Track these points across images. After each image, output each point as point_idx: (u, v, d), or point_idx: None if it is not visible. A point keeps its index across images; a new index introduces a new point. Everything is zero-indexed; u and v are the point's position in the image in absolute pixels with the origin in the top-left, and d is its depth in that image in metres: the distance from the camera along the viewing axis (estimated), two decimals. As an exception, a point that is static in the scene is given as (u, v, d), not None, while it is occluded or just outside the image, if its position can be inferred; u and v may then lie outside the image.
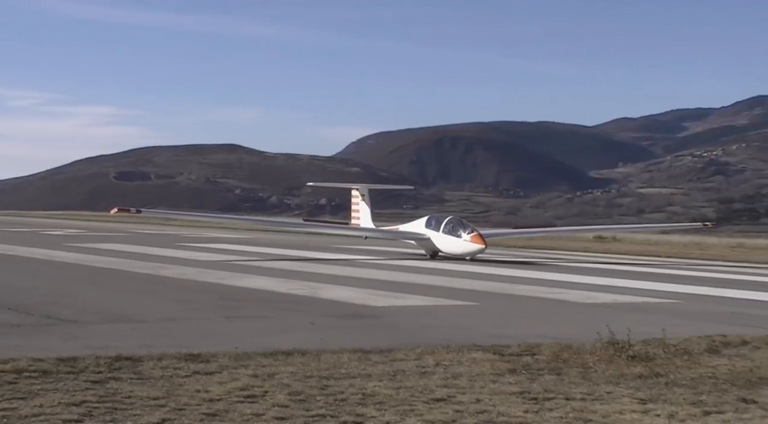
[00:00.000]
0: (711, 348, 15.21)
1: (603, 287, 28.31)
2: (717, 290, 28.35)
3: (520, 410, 10.21)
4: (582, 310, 21.63)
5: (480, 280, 29.35)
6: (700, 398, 11.17)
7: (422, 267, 34.75)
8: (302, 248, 46.62)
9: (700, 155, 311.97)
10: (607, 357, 13.56)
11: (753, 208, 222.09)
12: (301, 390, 10.93)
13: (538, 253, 50.19)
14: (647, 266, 41.54)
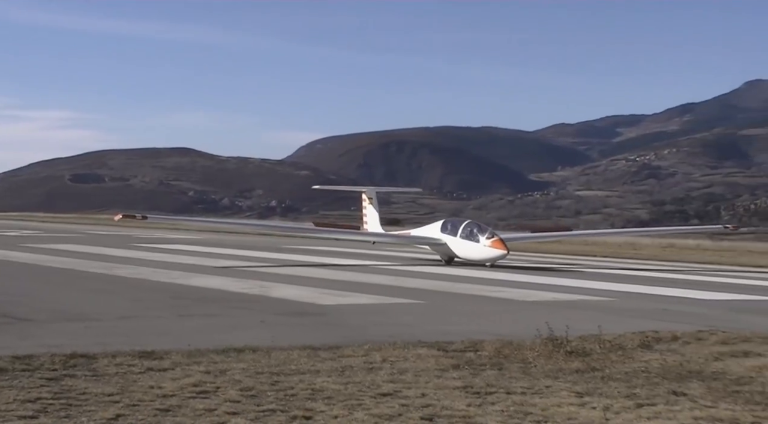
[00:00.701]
0: (644, 344, 15.34)
1: (543, 285, 28.48)
2: (649, 288, 28.63)
3: (463, 404, 10.24)
4: (523, 308, 21.74)
5: (425, 279, 29.40)
6: (633, 391, 11.27)
7: (370, 266, 34.75)
8: (253, 248, 46.38)
9: (634, 159, 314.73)
10: (546, 353, 13.64)
11: (683, 209, 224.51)
12: (252, 386, 10.89)
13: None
14: (584, 265, 41.83)
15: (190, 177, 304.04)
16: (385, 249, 47.91)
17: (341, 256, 41.35)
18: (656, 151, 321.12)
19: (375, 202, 45.02)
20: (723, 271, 39.99)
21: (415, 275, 30.83)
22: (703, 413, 10.04)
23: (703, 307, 23.35)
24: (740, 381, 12.19)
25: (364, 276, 29.64)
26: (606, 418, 9.73)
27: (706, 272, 38.86)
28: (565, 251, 53.61)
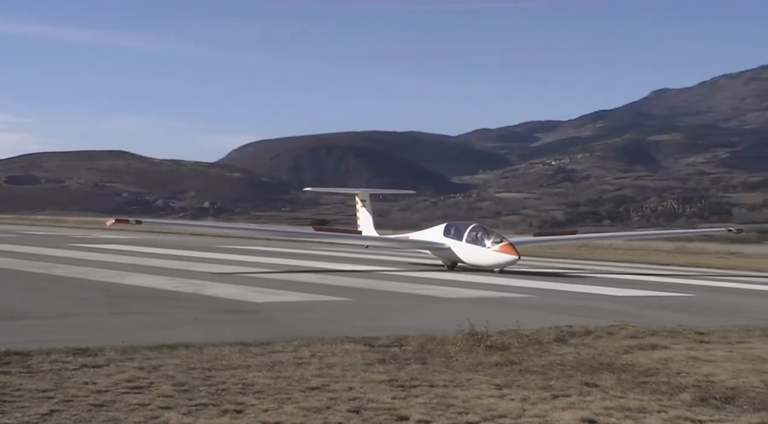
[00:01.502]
0: (559, 338, 15.52)
1: (465, 283, 28.65)
2: (564, 285, 28.96)
3: (388, 397, 10.26)
4: (446, 305, 21.84)
5: (352, 277, 29.40)
6: (549, 382, 11.39)
7: (298, 266, 34.64)
8: (187, 248, 45.97)
9: (551, 163, 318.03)
10: (467, 347, 13.73)
11: (596, 211, 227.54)
12: (184, 381, 10.79)
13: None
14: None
15: (124, 179, 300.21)
16: (343, 250, 47.76)
17: (275, 256, 41.16)
18: (571, 155, 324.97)
19: (368, 204, 42.32)
20: (635, 269, 40.62)
21: (343, 274, 30.81)
22: (613, 403, 10.19)
23: (614, 303, 23.69)
24: (648, 372, 12.39)
25: (294, 275, 29.55)
26: (523, 409, 9.81)
27: (618, 269, 39.42)
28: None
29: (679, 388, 11.25)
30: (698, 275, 38.02)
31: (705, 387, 11.36)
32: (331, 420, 9.14)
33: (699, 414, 9.79)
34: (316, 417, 9.24)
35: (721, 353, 14.37)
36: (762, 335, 16.93)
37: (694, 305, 23.96)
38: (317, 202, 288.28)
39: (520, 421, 9.30)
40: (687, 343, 15.46)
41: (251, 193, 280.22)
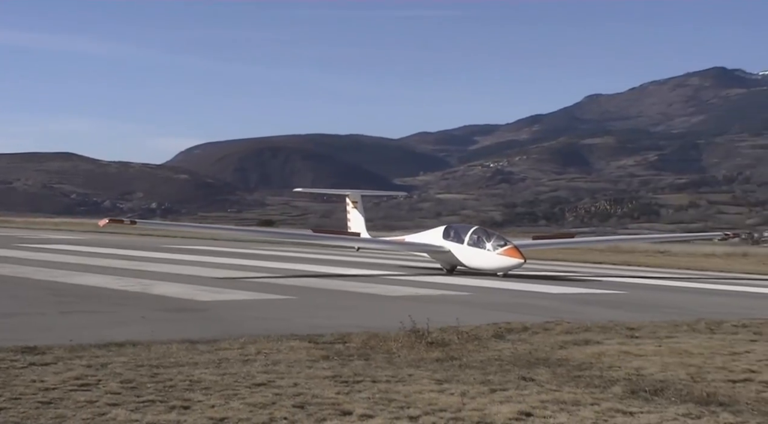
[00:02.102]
0: (497, 334, 15.60)
1: (408, 281, 28.71)
2: (502, 283, 29.14)
3: (332, 392, 10.24)
4: (388, 302, 21.85)
5: (297, 277, 29.31)
6: (488, 377, 11.45)
7: (244, 265, 34.46)
8: (134, 248, 45.49)
9: (489, 165, 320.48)
10: (409, 344, 13.75)
11: (533, 211, 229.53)
12: (132, 378, 10.67)
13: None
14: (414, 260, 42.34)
15: (72, 180, 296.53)
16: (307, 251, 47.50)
17: (221, 255, 40.90)
18: (509, 158, 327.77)
19: (360, 206, 40.57)
20: (572, 267, 41.02)
21: (287, 273, 30.70)
22: (548, 397, 10.27)
23: (551, 300, 23.89)
24: (581, 367, 12.51)
25: (240, 273, 29.38)
26: (463, 403, 9.85)
27: (557, 268, 39.77)
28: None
29: (611, 381, 11.37)
30: (628, 273, 38.48)
31: (635, 380, 11.49)
32: (277, 415, 9.10)
33: (630, 406, 9.91)
34: (262, 412, 9.19)
35: (650, 347, 14.55)
36: (688, 330, 17.20)
37: (625, 301, 24.26)
38: (263, 203, 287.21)
39: (459, 415, 9.33)
40: (618, 338, 15.64)
41: (198, 194, 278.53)
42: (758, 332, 17.20)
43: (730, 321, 18.59)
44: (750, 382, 11.73)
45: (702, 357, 13.60)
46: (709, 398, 10.47)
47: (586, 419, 9.25)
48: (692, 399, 10.40)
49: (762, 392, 11.03)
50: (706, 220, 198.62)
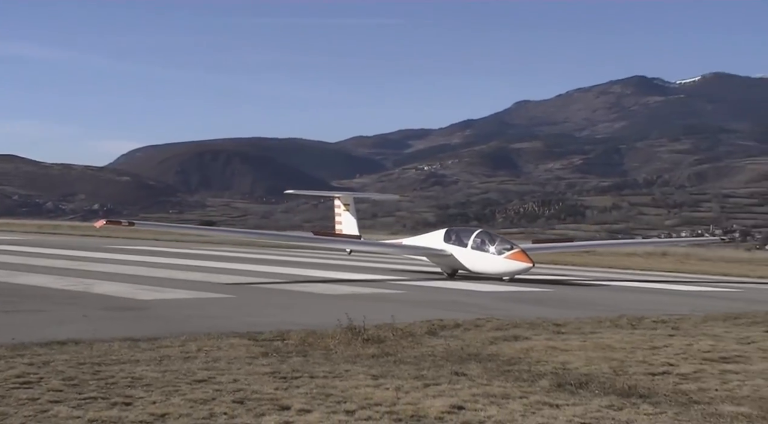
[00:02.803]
0: (430, 331, 15.65)
1: (344, 280, 28.68)
2: (436, 282, 29.26)
3: (271, 388, 10.19)
4: (326, 301, 21.81)
5: (237, 275, 29.11)
6: (421, 372, 11.49)
7: (183, 265, 34.14)
8: (76, 248, 44.79)
9: (423, 168, 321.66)
10: (346, 340, 13.74)
11: (464, 213, 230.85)
12: (74, 376, 10.51)
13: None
14: (378, 262, 42.39)
15: (14, 182, 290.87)
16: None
17: (162, 255, 40.46)
18: (442, 161, 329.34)
19: (352, 208, 38.18)
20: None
21: (227, 272, 30.47)
22: (479, 390, 10.33)
23: (482, 298, 24.05)
24: (511, 361, 12.61)
25: (181, 273, 29.09)
26: (397, 397, 9.87)
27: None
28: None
29: (539, 375, 11.48)
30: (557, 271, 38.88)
31: (561, 374, 11.62)
32: (217, 411, 9.03)
33: (556, 399, 10.01)
34: (202, 408, 9.11)
35: (575, 342, 14.73)
36: (611, 325, 17.44)
37: (552, 299, 24.52)
38: (203, 204, 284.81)
39: (394, 408, 9.34)
40: (546, 334, 15.80)
41: (139, 195, 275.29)
42: (676, 327, 17.52)
43: (650, 317, 18.90)
44: (668, 374, 11.94)
45: (624, 351, 13.81)
46: (630, 390, 10.63)
47: (514, 412, 9.32)
48: (615, 391, 10.55)
49: (679, 384, 11.24)
50: (628, 221, 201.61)
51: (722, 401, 10.26)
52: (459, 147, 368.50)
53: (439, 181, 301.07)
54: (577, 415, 9.26)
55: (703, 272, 44.09)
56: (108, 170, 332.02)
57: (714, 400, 10.29)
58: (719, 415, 9.46)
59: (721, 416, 9.42)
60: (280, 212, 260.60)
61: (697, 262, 52.70)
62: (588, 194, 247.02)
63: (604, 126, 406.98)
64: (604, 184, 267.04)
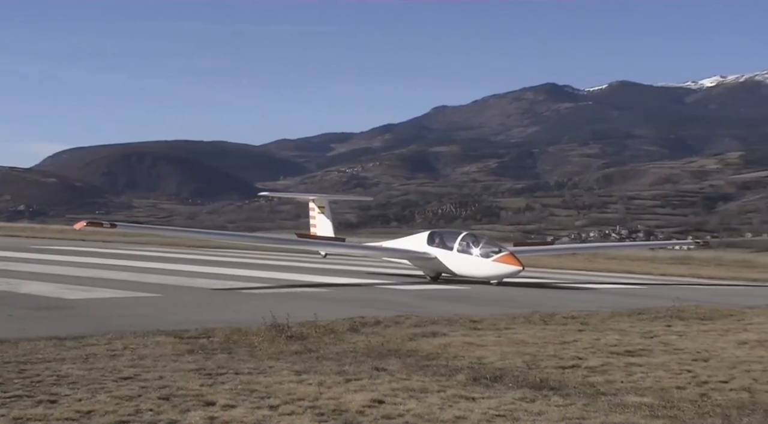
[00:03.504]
0: (352, 327, 15.66)
1: (270, 279, 28.51)
2: (359, 280, 29.29)
3: (196, 384, 10.09)
4: (251, 299, 21.65)
5: (165, 275, 28.72)
6: (343, 368, 11.48)
7: (110, 264, 33.56)
8: (4, 249, 43.67)
9: (345, 171, 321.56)
10: (270, 338, 13.68)
11: (385, 214, 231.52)
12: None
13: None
14: (305, 261, 42.26)
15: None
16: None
17: (89, 255, 39.69)
18: (363, 164, 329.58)
19: (328, 210, 36.82)
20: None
21: (155, 271, 30.04)
22: (399, 385, 10.37)
23: (402, 296, 24.14)
24: (429, 357, 12.68)
25: (109, 273, 28.59)
26: (320, 392, 9.86)
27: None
28: (290, 250, 53.65)
29: (456, 370, 11.57)
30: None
31: (477, 368, 11.73)
32: (143, 407, 8.90)
33: (472, 392, 10.10)
34: (128, 405, 8.97)
35: (491, 338, 14.88)
36: (525, 321, 17.66)
37: (469, 296, 24.73)
38: (130, 205, 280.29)
39: (316, 403, 9.33)
40: (463, 330, 15.93)
41: (65, 197, 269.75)
42: (585, 322, 17.81)
43: (561, 313, 19.19)
44: (577, 368, 12.14)
45: (536, 346, 14.00)
46: (542, 383, 10.78)
47: (432, 405, 9.38)
48: (527, 384, 10.68)
49: (587, 377, 11.43)
50: (541, 221, 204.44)
51: (627, 392, 10.47)
52: (380, 150, 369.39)
53: (361, 183, 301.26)
54: (491, 407, 9.35)
55: (609, 270, 44.98)
56: (34, 172, 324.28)
57: (619, 391, 10.50)
58: (624, 405, 9.65)
59: (626, 406, 9.61)
60: (206, 212, 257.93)
61: (605, 261, 53.74)
62: (503, 196, 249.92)
63: (518, 131, 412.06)
64: (518, 186, 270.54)
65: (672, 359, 13.04)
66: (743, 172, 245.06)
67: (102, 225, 29.22)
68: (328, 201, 37.64)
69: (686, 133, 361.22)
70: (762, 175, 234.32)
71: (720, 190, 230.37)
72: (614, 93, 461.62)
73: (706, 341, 15.19)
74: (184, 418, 8.59)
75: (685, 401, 9.94)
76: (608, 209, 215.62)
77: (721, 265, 52.30)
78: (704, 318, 19.25)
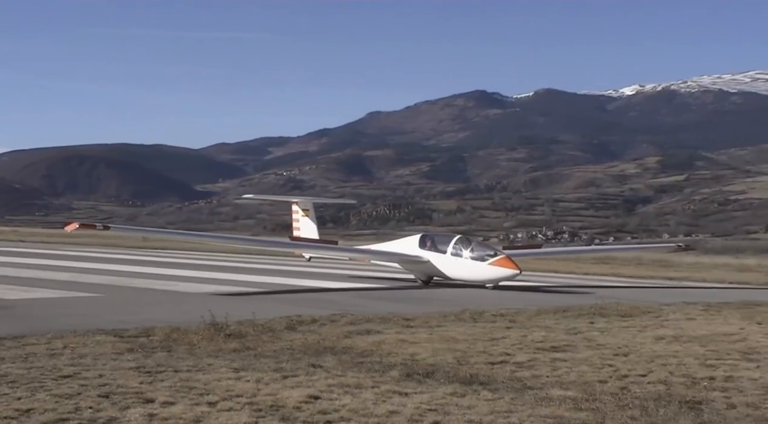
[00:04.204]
0: (289, 326, 15.60)
1: (208, 279, 28.24)
2: (294, 280, 29.14)
3: (136, 382, 9.96)
4: (191, 299, 21.42)
5: (105, 275, 28.25)
6: (280, 365, 11.44)
7: (51, 265, 32.91)
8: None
9: (282, 174, 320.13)
10: (209, 336, 13.57)
11: (321, 215, 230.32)
12: (-62, 375, 9.99)
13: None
14: (239, 261, 41.95)
15: None
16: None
17: (29, 256, 38.88)
18: (300, 167, 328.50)
19: (312, 213, 35.02)
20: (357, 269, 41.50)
21: (95, 272, 29.53)
22: (335, 381, 10.37)
23: (338, 295, 24.11)
24: (363, 354, 12.70)
25: (49, 273, 28.04)
26: (258, 388, 9.81)
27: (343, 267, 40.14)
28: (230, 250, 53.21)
29: (389, 366, 11.60)
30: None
31: (410, 365, 11.77)
32: (82, 405, 8.76)
33: (405, 388, 10.14)
34: (68, 403, 8.82)
35: (423, 335, 14.94)
36: (455, 319, 17.77)
37: (404, 296, 24.80)
38: (70, 207, 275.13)
39: (254, 399, 9.28)
40: (396, 328, 15.97)
41: (4, 198, 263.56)
42: (513, 320, 17.98)
43: (490, 311, 19.33)
44: (506, 363, 12.26)
45: (466, 343, 14.10)
46: (471, 378, 10.87)
47: (367, 400, 9.40)
48: (458, 380, 10.76)
49: (515, 372, 11.56)
50: (471, 223, 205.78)
51: (552, 386, 10.61)
52: (316, 154, 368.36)
53: (298, 186, 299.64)
54: (423, 402, 9.40)
55: (534, 269, 45.45)
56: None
57: (545, 385, 10.64)
58: (549, 399, 9.78)
59: (551, 400, 9.74)
60: (145, 214, 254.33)
61: (531, 260, 54.19)
62: (435, 198, 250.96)
63: (449, 136, 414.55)
64: (449, 189, 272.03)
65: (594, 354, 13.24)
66: (660, 176, 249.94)
67: (95, 227, 27.48)
68: (313, 204, 35.81)
69: (608, 139, 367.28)
70: (678, 179, 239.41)
71: (639, 193, 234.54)
72: (540, 100, 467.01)
73: (626, 337, 15.47)
74: (123, 415, 8.48)
75: (606, 394, 10.11)
76: (535, 211, 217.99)
77: (641, 264, 53.27)
78: (624, 315, 19.58)
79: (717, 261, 56.36)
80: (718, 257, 57.78)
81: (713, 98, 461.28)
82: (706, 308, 21.94)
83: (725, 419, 9.08)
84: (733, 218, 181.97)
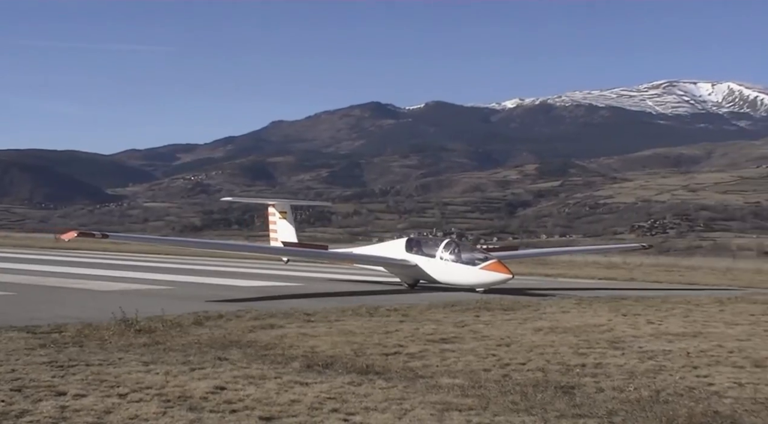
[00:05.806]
0: (197, 321, 15.39)
1: (118, 277, 27.60)
2: (202, 278, 28.76)
3: (48, 376, 9.67)
4: (101, 297, 20.89)
5: (17, 274, 27.29)
6: (188, 358, 11.27)
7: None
8: None
9: (190, 178, 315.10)
10: (119, 332, 13.28)
11: (227, 218, 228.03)
12: None
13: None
14: (152, 261, 41.09)
15: None
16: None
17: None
18: (206, 172, 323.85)
19: (290, 216, 32.46)
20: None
21: (9, 271, 28.47)
22: (240, 373, 10.28)
23: (245, 293, 23.89)
24: (267, 347, 12.61)
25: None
26: (166, 380, 9.65)
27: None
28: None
29: (291, 358, 11.55)
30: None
31: (310, 357, 11.75)
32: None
33: (306, 378, 10.12)
34: (-19, 398, 8.49)
35: (323, 329, 14.94)
36: (353, 314, 17.81)
37: (304, 292, 24.70)
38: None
39: (163, 391, 9.12)
40: (298, 322, 15.92)
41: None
42: (405, 314, 18.13)
43: (385, 306, 19.44)
44: (399, 354, 12.36)
45: (363, 336, 14.15)
46: (368, 368, 10.91)
47: (270, 390, 9.34)
48: (355, 370, 10.79)
49: (408, 362, 11.65)
50: (367, 225, 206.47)
51: (442, 375, 10.74)
52: (222, 160, 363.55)
53: (205, 190, 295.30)
54: (323, 391, 9.40)
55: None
56: None
57: (435, 374, 10.76)
58: (439, 387, 9.90)
59: (441, 387, 9.86)
60: (57, 216, 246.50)
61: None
62: (333, 202, 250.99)
63: (347, 144, 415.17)
64: (347, 193, 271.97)
65: (480, 345, 13.46)
66: (538, 182, 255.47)
67: (93, 235, 25.49)
68: (291, 206, 33.30)
69: (491, 148, 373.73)
70: (554, 185, 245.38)
71: (519, 198, 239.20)
72: (430, 111, 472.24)
73: (508, 329, 15.78)
74: (35, 408, 8.21)
75: (490, 382, 10.29)
76: (426, 214, 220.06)
77: (521, 263, 54.31)
78: (507, 309, 19.96)
79: (588, 259, 57.97)
80: (589, 256, 59.24)
81: (584, 112, 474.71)
82: (579, 301, 22.55)
83: (595, 401, 9.36)
84: (602, 220, 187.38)
